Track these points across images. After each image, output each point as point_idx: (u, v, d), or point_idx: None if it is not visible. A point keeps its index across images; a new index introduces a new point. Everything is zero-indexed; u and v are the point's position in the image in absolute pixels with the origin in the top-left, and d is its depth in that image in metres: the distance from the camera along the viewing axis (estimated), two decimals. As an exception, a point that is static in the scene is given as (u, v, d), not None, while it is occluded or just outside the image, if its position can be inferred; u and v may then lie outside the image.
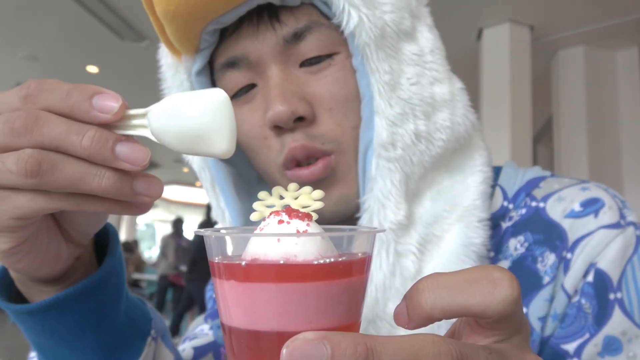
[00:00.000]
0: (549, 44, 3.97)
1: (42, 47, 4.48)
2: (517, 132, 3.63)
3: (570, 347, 0.49)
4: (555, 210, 0.54)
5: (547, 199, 0.56)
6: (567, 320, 0.50)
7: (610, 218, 0.52)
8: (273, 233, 0.29)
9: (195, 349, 0.68)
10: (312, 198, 0.32)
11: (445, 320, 0.29)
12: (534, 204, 0.56)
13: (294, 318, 0.27)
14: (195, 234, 0.31)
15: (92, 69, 5.01)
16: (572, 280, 0.51)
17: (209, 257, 0.30)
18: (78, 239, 0.43)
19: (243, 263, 0.28)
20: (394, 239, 0.52)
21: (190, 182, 11.70)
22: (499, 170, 0.61)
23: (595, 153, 3.89)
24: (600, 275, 0.50)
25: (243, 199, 0.63)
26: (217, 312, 0.59)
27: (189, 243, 7.19)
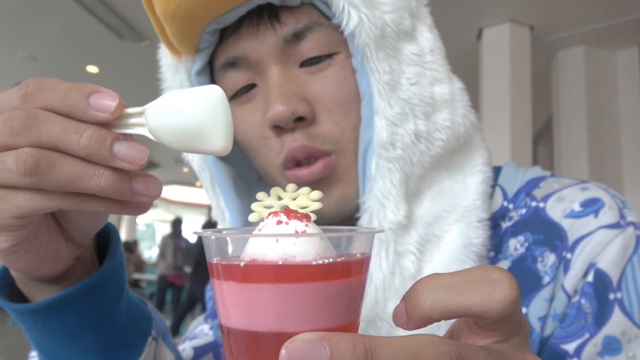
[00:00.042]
0: (549, 44, 3.97)
1: (42, 47, 4.48)
2: (517, 132, 3.63)
3: (570, 347, 0.49)
4: (555, 210, 0.54)
5: (547, 199, 0.56)
6: (567, 320, 0.50)
7: (610, 218, 0.52)
8: (272, 234, 0.29)
9: (196, 349, 0.68)
10: (310, 199, 0.32)
11: (445, 321, 0.29)
12: (534, 204, 0.56)
13: (293, 319, 0.27)
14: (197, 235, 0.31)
15: (92, 69, 5.01)
16: (572, 280, 0.51)
17: (207, 257, 0.30)
18: (78, 239, 0.43)
19: (242, 264, 0.27)
20: (394, 239, 0.52)
21: (190, 182, 11.69)
22: (499, 170, 0.61)
23: (595, 153, 3.89)
24: (600, 275, 0.50)
25: (243, 199, 0.63)
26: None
27: (188, 244, 7.18)
